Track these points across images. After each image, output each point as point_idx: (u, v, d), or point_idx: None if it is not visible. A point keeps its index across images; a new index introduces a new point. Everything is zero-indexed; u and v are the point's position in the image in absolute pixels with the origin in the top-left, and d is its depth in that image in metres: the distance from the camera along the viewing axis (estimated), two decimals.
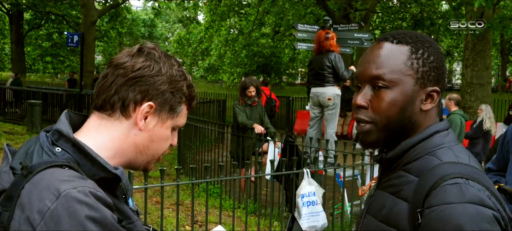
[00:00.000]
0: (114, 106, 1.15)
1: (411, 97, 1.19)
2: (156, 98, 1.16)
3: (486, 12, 12.76)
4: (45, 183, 1.00)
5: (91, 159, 1.09)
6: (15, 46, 28.87)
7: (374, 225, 1.21)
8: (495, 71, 40.14)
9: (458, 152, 1.18)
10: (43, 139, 1.12)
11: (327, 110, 7.69)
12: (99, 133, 1.16)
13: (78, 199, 0.97)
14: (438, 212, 1.05)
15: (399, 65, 1.19)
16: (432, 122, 1.22)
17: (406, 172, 1.18)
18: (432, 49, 1.21)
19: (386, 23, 25.83)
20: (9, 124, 14.71)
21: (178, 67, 1.21)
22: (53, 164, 1.04)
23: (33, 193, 1.00)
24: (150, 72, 1.16)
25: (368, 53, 1.24)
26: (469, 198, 1.04)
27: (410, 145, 1.19)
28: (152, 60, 1.17)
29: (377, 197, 1.25)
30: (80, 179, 1.02)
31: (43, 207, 0.97)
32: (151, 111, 1.17)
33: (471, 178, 1.08)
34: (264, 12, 22.55)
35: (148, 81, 1.15)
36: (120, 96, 1.15)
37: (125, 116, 1.16)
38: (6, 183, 1.05)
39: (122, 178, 1.11)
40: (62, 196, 0.97)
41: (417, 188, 1.11)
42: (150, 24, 53.59)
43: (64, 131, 1.11)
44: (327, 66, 7.55)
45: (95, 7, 20.08)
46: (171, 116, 1.20)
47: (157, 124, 1.19)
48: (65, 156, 1.09)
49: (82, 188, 0.99)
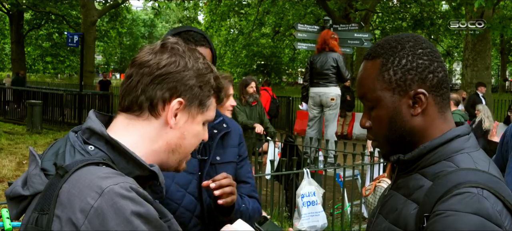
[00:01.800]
0: (142, 107, 1.11)
1: (394, 108, 1.17)
2: (185, 94, 1.13)
3: (486, 12, 12.78)
4: (85, 181, 0.96)
5: (126, 156, 1.06)
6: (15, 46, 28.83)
7: (384, 226, 1.21)
8: (495, 71, 40.15)
9: (478, 158, 1.14)
10: (73, 138, 1.09)
11: (328, 110, 7.64)
12: (129, 133, 1.12)
13: (123, 195, 0.94)
14: (442, 216, 1.03)
15: (374, 83, 1.19)
16: (436, 120, 1.18)
17: (422, 175, 1.16)
18: (404, 52, 1.17)
19: (386, 23, 25.84)
20: (9, 124, 14.71)
21: (203, 60, 1.18)
22: (89, 162, 1.01)
23: (73, 192, 0.96)
24: (177, 68, 1.12)
25: (358, 73, 1.27)
26: (476, 210, 1.01)
27: (429, 148, 1.16)
28: (177, 56, 1.14)
29: (391, 198, 1.24)
30: (120, 176, 0.99)
31: (86, 205, 0.93)
32: (181, 108, 1.13)
33: (487, 187, 1.05)
34: (264, 12, 22.56)
35: (175, 78, 1.12)
36: (147, 95, 1.11)
37: (154, 115, 1.12)
38: (39, 185, 1.02)
39: (159, 175, 1.08)
40: (105, 193, 0.94)
41: (429, 193, 1.10)
42: (150, 24, 53.58)
43: (97, 129, 1.08)
44: (332, 66, 7.46)
45: (95, 7, 20.09)
46: (201, 110, 1.17)
47: (188, 120, 1.15)
48: (99, 154, 1.05)
49: (124, 184, 0.96)
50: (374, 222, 1.29)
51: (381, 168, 5.54)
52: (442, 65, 1.19)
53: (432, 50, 1.19)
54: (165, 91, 1.11)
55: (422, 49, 1.18)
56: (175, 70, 1.12)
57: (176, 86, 1.12)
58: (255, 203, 1.93)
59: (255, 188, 2.00)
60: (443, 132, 1.18)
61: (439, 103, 1.19)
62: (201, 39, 1.76)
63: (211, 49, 1.80)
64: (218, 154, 1.85)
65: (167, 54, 1.13)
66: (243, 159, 1.94)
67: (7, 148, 10.42)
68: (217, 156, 1.84)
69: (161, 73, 1.11)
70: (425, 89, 1.16)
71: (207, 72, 1.17)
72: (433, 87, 1.17)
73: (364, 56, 1.26)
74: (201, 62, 1.16)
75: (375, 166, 5.49)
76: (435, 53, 1.19)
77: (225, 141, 1.88)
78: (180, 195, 1.76)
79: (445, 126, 1.19)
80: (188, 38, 1.74)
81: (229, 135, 1.89)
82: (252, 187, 1.96)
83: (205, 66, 1.17)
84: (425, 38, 1.25)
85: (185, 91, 1.13)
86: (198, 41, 1.75)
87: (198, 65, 1.15)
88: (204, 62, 1.17)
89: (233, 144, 1.90)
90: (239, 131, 1.96)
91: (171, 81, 1.11)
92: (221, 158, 1.85)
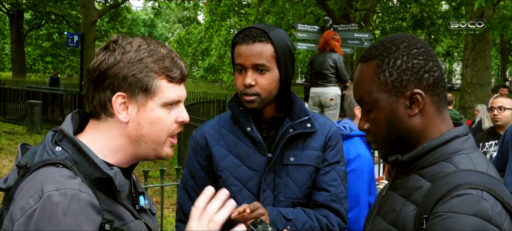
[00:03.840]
0: (98, 111, 1.17)
1: (392, 110, 1.17)
2: (122, 87, 1.14)
3: (486, 12, 12.77)
4: (35, 181, 1.02)
5: (89, 159, 1.10)
6: (15, 46, 28.85)
7: (381, 227, 1.20)
8: (495, 71, 40.14)
9: (476, 159, 1.14)
10: (48, 138, 1.14)
11: (328, 110, 7.65)
12: (97, 135, 1.18)
13: (58, 202, 0.98)
14: (443, 218, 1.03)
15: (370, 85, 1.18)
16: (433, 120, 1.18)
17: (420, 176, 1.16)
18: (399, 52, 1.16)
19: (386, 23, 25.81)
20: (9, 124, 14.70)
21: (139, 47, 1.17)
22: (48, 162, 1.06)
23: (24, 190, 1.02)
24: (107, 65, 1.15)
25: (354, 76, 1.26)
26: (477, 211, 1.01)
27: (428, 149, 1.16)
28: (107, 53, 1.16)
29: (389, 198, 1.23)
30: (68, 179, 1.03)
31: (26, 205, 0.99)
32: (126, 101, 1.15)
33: (487, 188, 1.04)
34: (264, 12, 22.54)
35: (108, 75, 1.14)
36: (96, 101, 1.16)
37: (109, 116, 1.16)
38: (12, 180, 1.08)
39: (115, 178, 1.10)
40: (44, 197, 0.99)
41: (428, 194, 1.09)
42: (150, 24, 53.56)
43: (65, 131, 1.14)
44: (331, 66, 7.47)
45: (95, 7, 20.08)
46: (149, 95, 1.16)
47: (139, 109, 1.17)
48: (64, 155, 1.10)
49: (67, 190, 1.00)
50: (371, 223, 1.28)
51: (381, 168, 5.54)
52: (438, 64, 1.18)
53: (427, 50, 1.18)
54: (106, 91, 1.15)
55: (416, 49, 1.17)
56: (106, 67, 1.14)
57: (112, 83, 1.14)
58: (326, 218, 1.76)
59: (337, 197, 1.79)
60: (442, 132, 1.18)
61: (436, 102, 1.18)
62: (259, 34, 1.70)
63: (272, 44, 1.70)
64: (293, 154, 1.78)
65: (101, 54, 1.17)
66: (329, 164, 1.80)
67: (7, 148, 10.42)
68: (291, 157, 1.77)
69: (98, 75, 1.15)
70: (421, 89, 1.15)
71: (142, 57, 1.16)
72: (430, 87, 1.16)
73: (359, 59, 1.26)
74: (134, 50, 1.16)
75: (374, 166, 5.47)
76: (430, 52, 1.18)
77: (307, 142, 1.79)
78: (236, 189, 1.75)
79: (443, 126, 1.19)
80: (247, 35, 1.71)
81: (312, 137, 1.79)
82: (332, 196, 1.78)
83: (141, 52, 1.16)
84: (419, 38, 1.24)
85: (120, 84, 1.14)
86: (256, 37, 1.70)
87: (128, 55, 1.15)
88: (138, 48, 1.16)
89: (315, 146, 1.79)
90: (330, 134, 1.82)
91: (105, 79, 1.14)
92: (295, 160, 1.77)
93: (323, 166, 1.80)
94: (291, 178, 1.77)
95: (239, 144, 1.79)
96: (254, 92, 1.70)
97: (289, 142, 1.77)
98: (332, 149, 1.83)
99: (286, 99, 1.79)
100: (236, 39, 1.76)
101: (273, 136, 1.79)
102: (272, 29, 1.74)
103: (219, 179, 1.80)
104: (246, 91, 1.71)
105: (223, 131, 1.84)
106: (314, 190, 1.80)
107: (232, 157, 1.79)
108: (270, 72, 1.71)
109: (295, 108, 1.80)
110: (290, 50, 1.76)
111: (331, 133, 1.83)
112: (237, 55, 1.74)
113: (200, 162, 1.86)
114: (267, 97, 1.72)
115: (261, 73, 1.70)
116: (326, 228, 1.76)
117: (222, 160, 1.79)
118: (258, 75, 1.70)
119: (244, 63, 1.71)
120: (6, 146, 10.61)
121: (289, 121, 1.78)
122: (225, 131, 1.84)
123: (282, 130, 1.76)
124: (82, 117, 1.24)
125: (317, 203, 1.78)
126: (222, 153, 1.80)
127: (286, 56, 1.74)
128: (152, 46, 1.18)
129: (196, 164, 1.86)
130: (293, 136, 1.76)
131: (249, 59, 1.70)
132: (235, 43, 1.76)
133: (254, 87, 1.70)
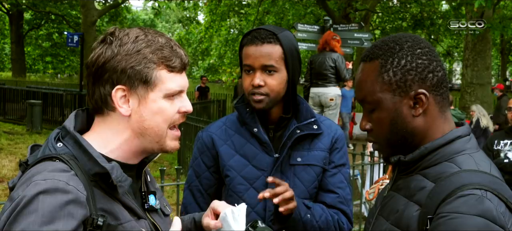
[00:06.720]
0: (100, 106, 1.16)
1: (396, 110, 1.16)
2: (122, 80, 1.13)
3: (486, 12, 12.77)
4: (30, 174, 1.04)
5: (87, 153, 1.10)
6: (15, 46, 28.87)
7: (384, 227, 1.19)
8: (495, 71, 40.16)
9: (479, 159, 1.14)
10: (52, 135, 1.15)
11: (328, 111, 7.64)
12: (101, 131, 1.18)
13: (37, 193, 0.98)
14: (448, 219, 1.02)
15: (373, 85, 1.18)
16: (436, 120, 1.18)
17: (423, 177, 1.15)
18: (403, 52, 1.16)
19: (386, 23, 25.81)
20: (9, 124, 14.70)
21: (136, 38, 1.15)
22: (44, 157, 1.07)
23: (19, 183, 1.05)
24: (105, 59, 1.13)
25: (356, 76, 1.25)
26: (482, 211, 1.01)
27: (430, 149, 1.15)
28: (104, 46, 1.14)
29: (391, 199, 1.23)
30: (59, 172, 1.03)
31: (15, 194, 1.01)
32: (127, 94, 1.14)
33: (490, 189, 1.04)
34: (264, 12, 22.54)
35: (107, 69, 1.13)
36: (96, 96, 1.15)
37: (111, 110, 1.16)
38: (17, 178, 1.10)
39: (111, 172, 1.08)
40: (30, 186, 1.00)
41: (432, 194, 1.09)
42: (150, 24, 53.55)
43: (67, 127, 1.14)
44: (330, 66, 7.45)
45: (95, 7, 20.07)
46: (149, 87, 1.15)
47: (140, 102, 1.15)
48: (64, 150, 1.10)
49: (52, 180, 1.00)
50: (373, 223, 1.27)
51: (381, 168, 5.54)
52: (441, 64, 1.18)
53: (430, 50, 1.18)
54: (105, 85, 1.14)
55: (420, 49, 1.17)
56: (104, 61, 1.13)
57: (111, 77, 1.13)
58: (336, 215, 1.79)
59: (345, 199, 1.82)
60: (444, 132, 1.17)
61: (440, 102, 1.18)
62: (268, 36, 1.71)
63: (281, 45, 1.71)
64: (300, 155, 1.79)
65: (98, 48, 1.15)
66: (336, 166, 1.82)
67: (7, 148, 10.42)
68: (299, 157, 1.78)
69: (96, 69, 1.14)
70: (425, 89, 1.15)
71: (140, 48, 1.14)
72: (434, 87, 1.16)
73: (361, 58, 1.25)
74: (131, 42, 1.14)
75: (375, 166, 5.48)
76: (433, 52, 1.18)
77: (313, 143, 1.81)
78: (243, 188, 1.76)
79: (446, 126, 1.19)
80: (256, 36, 1.72)
81: (318, 138, 1.81)
82: (340, 198, 1.80)
83: (138, 43, 1.14)
84: (422, 37, 1.24)
85: (119, 77, 1.13)
86: (265, 38, 1.71)
87: (126, 47, 1.13)
88: (136, 39, 1.14)
89: (321, 147, 1.81)
90: (336, 136, 1.84)
91: (104, 73, 1.13)
92: (303, 160, 1.78)
93: (329, 167, 1.82)
94: (298, 178, 1.78)
95: (246, 144, 1.80)
96: (263, 92, 1.71)
97: (295, 143, 1.78)
98: (339, 151, 1.85)
99: (293, 101, 1.80)
100: (244, 40, 1.76)
101: (279, 137, 1.80)
102: (281, 31, 1.75)
103: (226, 178, 1.81)
104: (254, 91, 1.72)
105: (229, 131, 1.85)
106: (321, 192, 1.81)
107: (239, 157, 1.79)
108: (279, 73, 1.72)
109: (302, 110, 1.81)
110: (297, 52, 1.78)
111: (337, 135, 1.85)
112: (246, 56, 1.74)
113: (206, 162, 1.86)
114: (275, 98, 1.73)
115: (270, 74, 1.71)
116: (338, 224, 1.79)
117: (229, 159, 1.80)
118: (266, 76, 1.71)
119: (253, 64, 1.72)
120: (6, 146, 10.60)
121: (296, 122, 1.80)
122: (231, 131, 1.84)
123: (289, 130, 1.77)
124: (90, 115, 1.23)
125: (325, 204, 1.80)
126: (229, 152, 1.81)
127: (294, 58, 1.75)
128: (149, 36, 1.16)
129: (202, 164, 1.87)
130: (300, 137, 1.78)
131: (258, 60, 1.71)
132: (243, 44, 1.76)
133: (263, 88, 1.71)
